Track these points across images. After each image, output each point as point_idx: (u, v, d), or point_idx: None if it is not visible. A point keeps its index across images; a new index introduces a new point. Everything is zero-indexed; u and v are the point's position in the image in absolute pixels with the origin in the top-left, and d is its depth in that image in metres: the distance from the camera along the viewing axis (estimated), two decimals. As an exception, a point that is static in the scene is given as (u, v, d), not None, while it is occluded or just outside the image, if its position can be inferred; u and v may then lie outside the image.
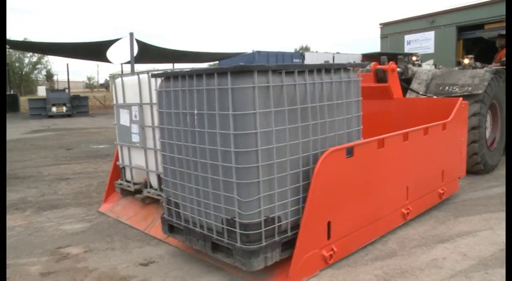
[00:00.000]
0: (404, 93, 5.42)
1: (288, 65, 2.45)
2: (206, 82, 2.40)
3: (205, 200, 2.55)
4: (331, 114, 2.69)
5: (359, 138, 2.93)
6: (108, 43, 15.39)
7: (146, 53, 16.53)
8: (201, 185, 2.56)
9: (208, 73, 2.40)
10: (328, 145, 2.66)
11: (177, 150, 2.71)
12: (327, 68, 2.67)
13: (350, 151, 2.75)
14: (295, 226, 2.52)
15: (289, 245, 2.49)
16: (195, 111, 2.49)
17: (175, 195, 2.81)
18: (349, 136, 2.84)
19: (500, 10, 15.62)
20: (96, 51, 16.58)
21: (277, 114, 2.35)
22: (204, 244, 2.60)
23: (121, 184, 4.00)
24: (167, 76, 2.72)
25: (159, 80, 2.87)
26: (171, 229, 2.91)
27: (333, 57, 19.08)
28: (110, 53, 15.76)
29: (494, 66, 6.62)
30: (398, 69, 5.35)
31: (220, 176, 2.39)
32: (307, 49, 55.97)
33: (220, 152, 2.36)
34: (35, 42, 15.91)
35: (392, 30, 22.67)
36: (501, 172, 5.48)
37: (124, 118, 3.80)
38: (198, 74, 2.46)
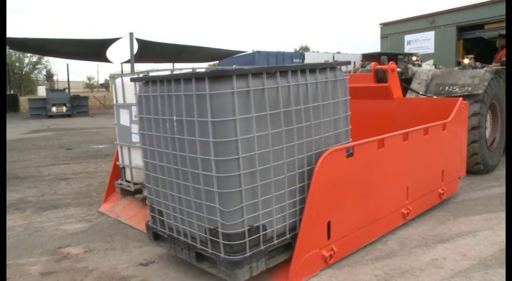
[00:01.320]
0: (404, 93, 5.42)
1: (269, 67, 2.32)
2: (184, 87, 2.30)
3: (187, 209, 2.46)
4: (317, 116, 2.58)
5: (347, 139, 2.83)
6: (108, 42, 15.36)
7: (146, 50, 16.50)
8: (183, 194, 2.47)
9: (186, 78, 2.29)
10: (314, 149, 2.56)
11: (158, 157, 2.62)
12: (311, 68, 2.55)
13: (349, 151, 2.76)
14: (282, 233, 2.45)
15: (275, 253, 2.44)
16: (174, 118, 2.39)
17: (158, 203, 2.73)
18: (336, 138, 2.74)
19: (500, 10, 15.63)
20: (95, 50, 16.55)
21: (258, 120, 2.25)
22: (188, 253, 2.53)
23: (121, 184, 4.00)
24: (146, 81, 2.63)
25: (138, 85, 2.76)
26: (156, 236, 2.83)
27: (333, 57, 19.07)
28: (110, 53, 15.73)
29: (494, 66, 6.63)
30: (398, 69, 5.35)
31: (201, 185, 2.30)
32: (307, 49, 55.97)
33: (200, 160, 2.27)
34: (34, 38, 15.84)
35: (393, 30, 22.68)
36: (501, 172, 5.48)
37: (124, 118, 3.80)
38: (176, 78, 2.35)
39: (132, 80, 2.82)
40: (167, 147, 2.51)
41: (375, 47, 23.80)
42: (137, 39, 14.37)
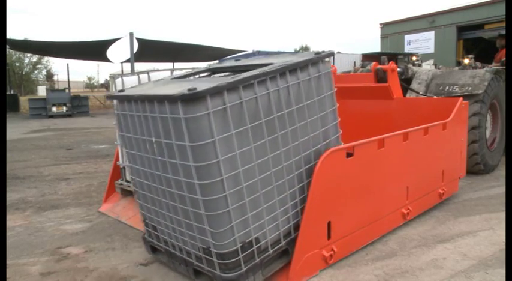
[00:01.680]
0: (404, 93, 5.42)
1: (246, 78, 2.14)
2: (159, 109, 2.15)
3: (179, 228, 2.40)
4: (302, 117, 2.46)
5: (337, 132, 2.74)
6: (108, 43, 15.38)
7: (146, 50, 16.51)
8: (172, 213, 2.41)
9: (160, 100, 2.14)
10: (302, 151, 2.48)
11: (143, 176, 2.53)
12: (291, 69, 2.39)
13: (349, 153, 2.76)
14: (276, 241, 2.41)
15: (272, 261, 2.41)
16: (153, 139, 2.28)
17: (151, 218, 2.68)
18: (325, 134, 2.64)
19: (500, 10, 15.62)
20: (96, 51, 16.57)
21: (239, 135, 2.14)
22: (186, 269, 2.49)
23: (121, 184, 4.00)
24: (121, 99, 2.49)
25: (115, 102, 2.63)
26: (153, 249, 2.80)
27: (333, 57, 19.06)
28: (110, 52, 15.74)
29: (495, 66, 6.63)
30: (398, 69, 5.35)
31: (188, 206, 2.23)
32: (307, 49, 55.96)
33: (184, 183, 2.18)
34: (35, 41, 15.90)
35: (393, 30, 22.66)
36: (501, 172, 5.48)
37: (124, 118, 3.79)
38: (150, 99, 2.20)
39: (107, 97, 2.72)
40: (151, 167, 2.41)
41: (375, 47, 23.80)
42: (137, 39, 14.37)
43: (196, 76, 2.92)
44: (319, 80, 2.58)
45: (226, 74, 2.52)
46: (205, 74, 2.97)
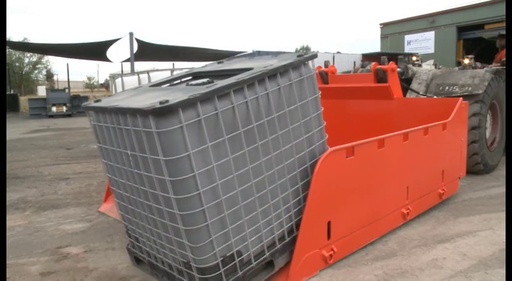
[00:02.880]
0: (404, 93, 5.42)
1: (221, 87, 2.05)
2: (132, 122, 2.07)
3: (159, 240, 2.34)
4: (283, 124, 2.36)
5: (322, 138, 2.65)
6: (108, 43, 15.40)
7: (145, 51, 16.54)
8: (152, 226, 2.34)
9: (132, 113, 2.06)
10: (284, 160, 2.38)
11: (122, 187, 2.47)
12: (271, 74, 2.28)
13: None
14: (260, 252, 2.34)
15: (256, 273, 2.35)
16: (129, 152, 2.20)
17: (133, 230, 2.61)
18: (309, 140, 2.54)
19: (501, 10, 15.62)
20: (96, 51, 16.59)
21: (216, 147, 2.06)
22: None
23: (121, 184, 3.99)
24: (96, 111, 2.42)
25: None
26: (138, 260, 2.73)
27: (333, 57, 19.06)
28: (110, 52, 15.77)
29: (495, 66, 6.63)
30: (398, 69, 5.35)
31: (167, 220, 2.16)
32: (307, 49, 55.97)
33: (161, 197, 2.11)
34: (35, 43, 15.96)
35: (393, 30, 22.67)
36: (501, 172, 5.48)
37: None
38: (122, 112, 2.13)
39: (83, 108, 2.60)
40: (129, 179, 2.34)
41: (375, 47, 23.81)
42: (137, 40, 14.39)
43: (178, 81, 2.85)
44: (301, 84, 2.47)
45: (205, 80, 2.42)
46: (187, 79, 2.89)
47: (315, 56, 2.53)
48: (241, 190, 2.18)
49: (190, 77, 2.91)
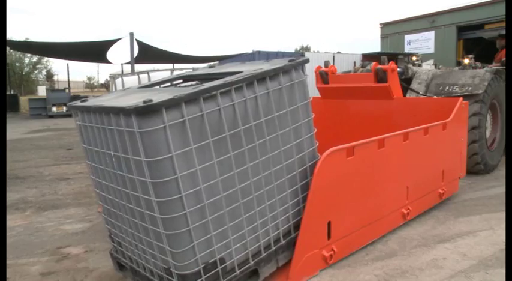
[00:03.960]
0: (404, 93, 5.42)
1: (206, 89, 2.01)
2: (115, 122, 2.03)
3: (141, 245, 2.27)
4: (271, 129, 2.30)
5: (313, 145, 2.60)
6: (108, 43, 15.40)
7: (146, 53, 16.55)
8: (134, 230, 2.28)
9: (116, 112, 2.01)
10: (272, 166, 2.33)
11: (105, 189, 2.42)
12: (259, 78, 2.22)
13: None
14: (244, 260, 2.28)
15: None
16: (112, 153, 2.15)
17: (115, 234, 2.55)
18: (299, 147, 2.48)
19: (501, 10, 15.61)
20: (96, 52, 16.59)
21: (200, 150, 2.00)
22: None
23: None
24: (81, 110, 2.38)
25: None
26: (120, 266, 2.64)
27: (333, 57, 19.05)
28: (110, 54, 15.78)
29: (495, 66, 6.63)
30: (398, 69, 5.35)
31: (148, 224, 2.10)
32: (307, 49, 55.98)
33: (143, 200, 2.05)
34: (35, 42, 15.97)
35: (393, 30, 22.65)
36: (501, 172, 5.48)
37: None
38: (106, 112, 2.08)
39: (69, 107, 2.57)
40: (112, 181, 2.29)
41: (375, 47, 23.79)
42: (137, 41, 14.39)
43: (168, 84, 2.81)
44: (291, 89, 2.42)
45: (194, 83, 2.37)
46: (177, 82, 2.86)
47: (306, 61, 2.50)
48: (225, 195, 2.13)
49: (180, 80, 2.88)
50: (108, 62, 18.43)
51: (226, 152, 2.11)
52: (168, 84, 2.83)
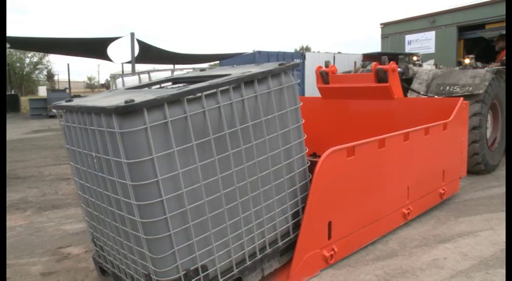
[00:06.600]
0: (405, 93, 5.42)
1: (190, 90, 1.95)
2: (97, 122, 1.99)
3: (122, 250, 2.21)
4: (259, 134, 2.25)
5: (302, 151, 2.56)
6: (109, 40, 15.39)
7: (147, 53, 16.56)
8: (115, 234, 2.22)
9: (97, 112, 1.97)
10: (259, 172, 2.27)
11: (87, 192, 2.38)
12: (247, 81, 2.18)
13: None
14: (228, 269, 2.21)
15: None
16: (94, 154, 2.11)
17: (97, 237, 2.51)
18: (287, 152, 2.44)
19: (501, 10, 15.60)
20: (97, 48, 16.60)
21: (183, 152, 1.95)
22: None
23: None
24: (65, 110, 2.34)
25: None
26: (103, 271, 2.59)
27: (334, 57, 19.05)
28: (111, 51, 15.74)
29: (495, 66, 6.62)
30: (399, 69, 5.35)
31: (129, 228, 2.04)
32: (308, 49, 55.98)
33: (123, 203, 2.00)
34: (35, 37, 15.97)
35: (393, 30, 22.65)
36: (502, 172, 5.48)
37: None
38: (88, 111, 2.04)
39: (53, 107, 2.53)
40: (93, 183, 2.25)
41: (376, 47, 23.79)
42: (138, 41, 14.39)
43: (157, 86, 2.79)
44: (281, 94, 2.38)
45: (181, 85, 2.33)
46: (166, 84, 2.84)
47: (296, 65, 2.49)
48: (209, 200, 2.07)
49: (169, 83, 2.86)
50: (109, 59, 18.43)
51: (210, 156, 2.06)
52: (158, 86, 2.80)
